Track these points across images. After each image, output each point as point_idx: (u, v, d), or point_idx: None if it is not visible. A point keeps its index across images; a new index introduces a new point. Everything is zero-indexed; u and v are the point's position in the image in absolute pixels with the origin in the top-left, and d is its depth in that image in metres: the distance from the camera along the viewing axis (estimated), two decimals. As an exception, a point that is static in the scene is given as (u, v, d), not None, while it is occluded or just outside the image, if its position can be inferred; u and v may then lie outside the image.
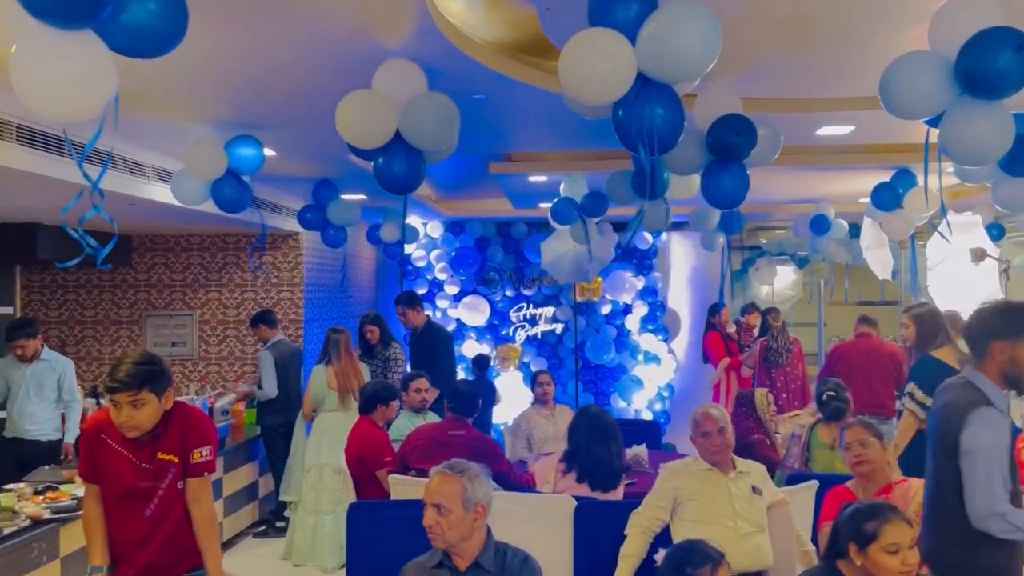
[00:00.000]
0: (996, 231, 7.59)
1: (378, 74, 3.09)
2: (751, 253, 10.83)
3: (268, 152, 4.91)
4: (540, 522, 3.97)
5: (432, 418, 5.35)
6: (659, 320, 9.50)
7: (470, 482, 2.60)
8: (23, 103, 1.99)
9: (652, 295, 9.44)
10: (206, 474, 3.01)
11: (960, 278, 6.17)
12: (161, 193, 5.14)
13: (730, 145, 3.38)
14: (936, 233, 6.84)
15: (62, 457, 5.61)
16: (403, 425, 5.25)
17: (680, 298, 9.54)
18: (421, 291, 9.44)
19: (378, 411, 5.03)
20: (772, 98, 4.14)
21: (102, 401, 7.00)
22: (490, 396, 7.38)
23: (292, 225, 7.00)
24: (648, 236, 9.30)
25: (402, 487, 4.38)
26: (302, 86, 3.68)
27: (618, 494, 4.24)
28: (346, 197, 6.36)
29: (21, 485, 4.50)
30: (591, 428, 4.26)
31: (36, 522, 3.95)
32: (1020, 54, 2.34)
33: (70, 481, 4.62)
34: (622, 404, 9.38)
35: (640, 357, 9.45)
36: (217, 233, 7.62)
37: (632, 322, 9.43)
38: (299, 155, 5.36)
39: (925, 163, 2.85)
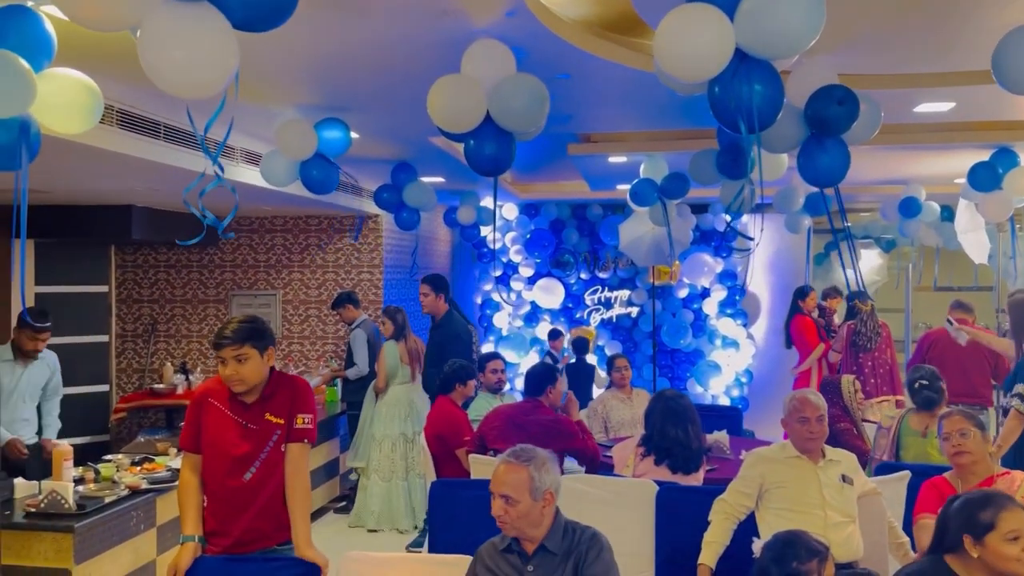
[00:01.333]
0: (1104, 213, 7.18)
1: (467, 56, 3.08)
2: (834, 236, 10.51)
3: (353, 135, 4.98)
4: (622, 506, 3.95)
5: (509, 399, 5.40)
6: (738, 304, 9.31)
7: (537, 470, 2.56)
8: (153, 78, 2.03)
9: (731, 279, 9.26)
10: (306, 441, 3.06)
11: (1065, 263, 5.86)
12: (250, 175, 5.27)
13: (831, 117, 3.24)
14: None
15: (45, 456, 4.81)
16: (481, 405, 5.31)
17: (760, 282, 9.32)
18: (496, 273, 9.48)
19: (456, 390, 5.09)
20: (870, 74, 3.97)
21: (191, 377, 7.27)
22: (588, 377, 7.50)
23: (372, 207, 7.09)
24: (727, 218, 9.10)
25: (481, 466, 4.42)
26: (388, 68, 3.70)
27: (698, 478, 4.18)
28: (424, 179, 6.41)
29: (120, 456, 4.71)
30: (667, 410, 4.22)
31: (134, 492, 4.12)
32: None
33: (165, 453, 4.81)
34: (699, 389, 9.25)
35: (718, 342, 9.29)
36: (300, 215, 7.79)
37: (710, 306, 9.27)
38: (382, 137, 5.42)
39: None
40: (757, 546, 2.80)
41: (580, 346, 7.73)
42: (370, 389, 6.46)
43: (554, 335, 8.21)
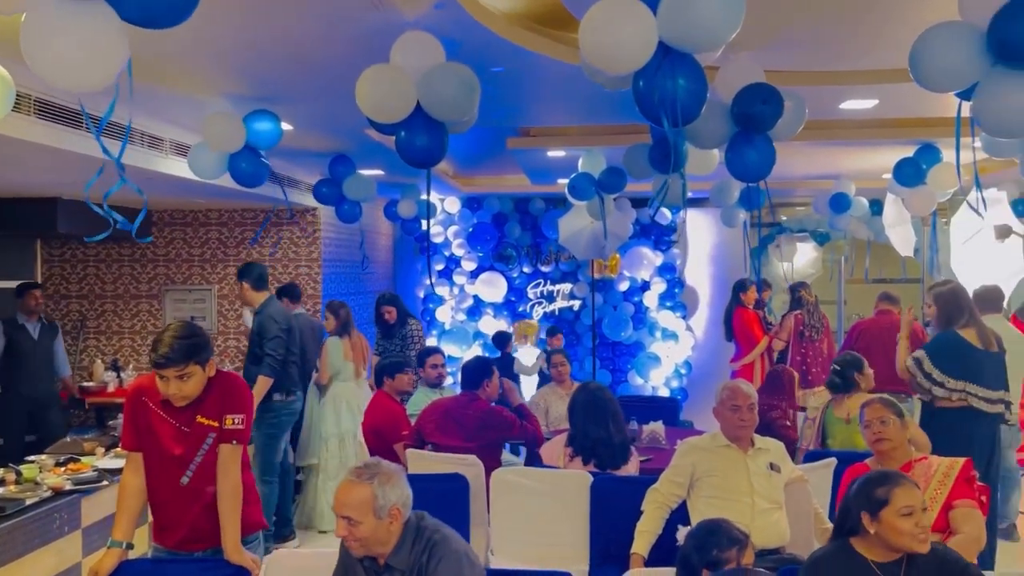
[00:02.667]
0: (1022, 207, 7.47)
1: (396, 47, 3.06)
2: (771, 230, 10.73)
3: (285, 126, 4.90)
4: (557, 498, 3.99)
5: (450, 393, 5.39)
6: (677, 297, 9.44)
7: (381, 487, 2.42)
8: (35, 69, 1.97)
9: (670, 272, 9.39)
10: (235, 442, 2.97)
11: (984, 255, 6.08)
12: (179, 167, 5.14)
13: (756, 115, 3.32)
14: (967, 207, 6.72)
15: None
16: (420, 400, 5.29)
17: (699, 275, 9.47)
18: (438, 267, 9.45)
19: (386, 384, 5.06)
20: (796, 70, 4.06)
21: (122, 375, 7.08)
22: (509, 373, 7.48)
23: (309, 200, 7.00)
24: (667, 212, 9.22)
25: (419, 461, 4.41)
26: (319, 60, 3.65)
27: (630, 469, 4.23)
28: (363, 172, 6.35)
29: (43, 457, 4.56)
30: (587, 404, 4.25)
31: (58, 493, 3.99)
32: (1055, 22, 2.26)
33: (92, 453, 4.67)
34: (639, 381, 9.36)
35: (658, 334, 9.41)
36: (236, 208, 7.63)
37: (650, 299, 9.39)
38: (316, 129, 5.34)
39: (957, 137, 2.78)
40: (681, 534, 2.85)
41: (500, 340, 7.80)
42: (312, 386, 6.38)
43: (551, 332, 8.21)
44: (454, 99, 2.94)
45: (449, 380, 6.10)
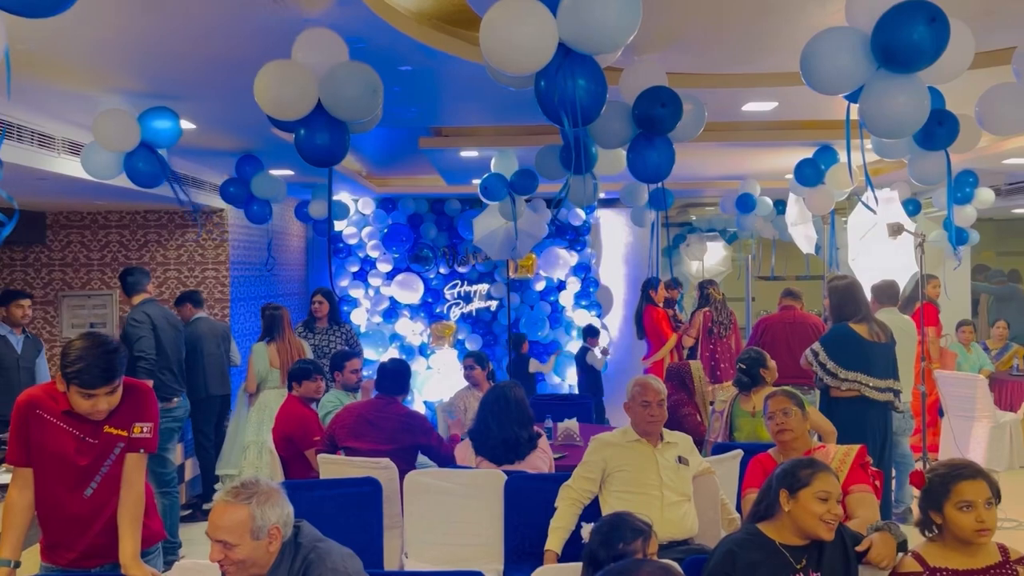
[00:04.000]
0: (913, 207, 7.87)
1: (297, 43, 2.99)
2: (682, 229, 11.00)
3: (186, 125, 4.73)
4: (471, 498, 3.98)
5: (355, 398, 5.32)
6: (592, 296, 9.57)
7: (260, 507, 2.31)
8: None
9: (585, 271, 9.51)
10: (142, 451, 2.87)
11: (878, 252, 6.37)
12: (72, 167, 4.91)
13: (655, 117, 3.40)
14: (861, 205, 7.03)
15: None
16: (333, 403, 5.20)
17: (613, 274, 9.61)
18: (352, 269, 9.30)
19: (295, 389, 4.95)
20: (697, 73, 4.16)
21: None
22: (523, 375, 7.60)
23: (216, 201, 6.79)
24: (581, 212, 9.34)
25: (331, 466, 4.33)
26: (218, 56, 3.54)
27: (542, 467, 4.27)
28: (273, 172, 6.20)
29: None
30: (490, 406, 4.28)
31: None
32: (933, 27, 2.39)
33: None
34: (556, 380, 9.44)
35: (574, 333, 9.51)
36: (137, 210, 7.34)
37: (566, 298, 9.48)
38: (220, 127, 5.18)
39: (847, 137, 2.90)
40: (586, 531, 2.88)
41: (517, 341, 7.86)
42: (240, 393, 6.20)
43: (591, 332, 8.20)
44: (356, 98, 2.90)
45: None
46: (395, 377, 4.63)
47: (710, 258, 10.64)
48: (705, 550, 3.55)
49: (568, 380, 9.47)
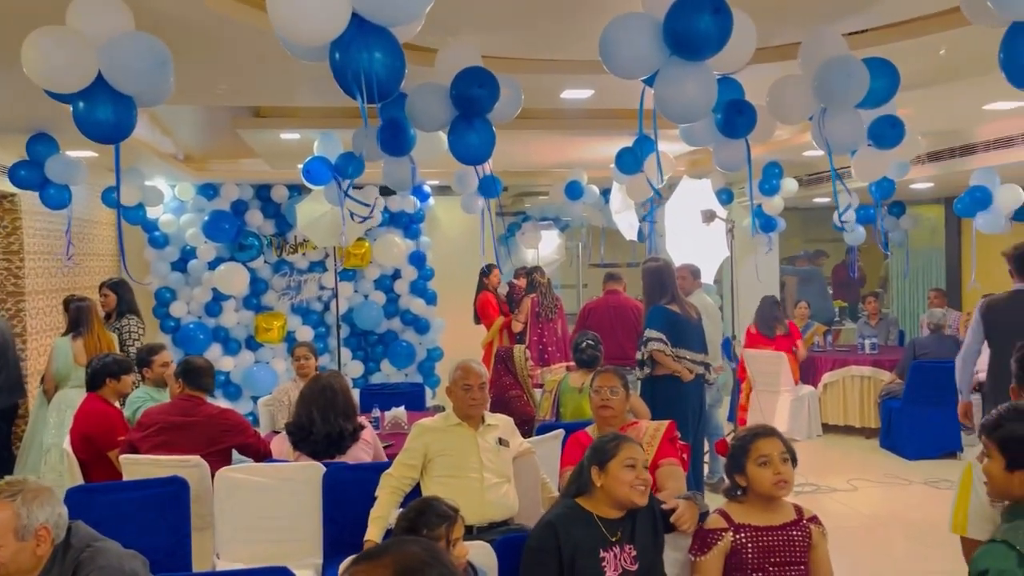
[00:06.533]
0: (726, 196, 8.36)
1: (72, 8, 2.73)
2: (517, 218, 11.15)
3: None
4: (287, 492, 3.85)
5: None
6: (427, 285, 9.50)
7: (26, 505, 2.20)
8: None
9: (421, 259, 9.42)
10: None
11: (693, 236, 6.74)
12: None
13: (473, 98, 3.38)
14: (678, 194, 7.38)
15: None
16: (143, 399, 4.88)
17: (448, 262, 9.59)
18: (171, 259, 8.74)
19: (108, 386, 4.60)
20: (515, 57, 4.19)
21: None
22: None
23: (6, 185, 6.16)
24: (415, 200, 9.24)
25: (136, 467, 4.05)
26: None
27: (363, 457, 4.19)
28: (71, 153, 5.70)
29: None
30: (309, 397, 4.18)
31: None
32: (717, 17, 2.50)
33: None
34: (392, 370, 9.32)
35: (409, 322, 9.41)
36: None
37: (401, 287, 9.36)
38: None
39: (639, 120, 3.00)
40: (393, 517, 2.85)
41: None
42: (39, 392, 5.67)
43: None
44: (142, 71, 2.68)
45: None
46: (205, 373, 4.37)
47: (545, 246, 10.86)
48: (525, 529, 3.61)
49: (404, 369, 9.39)
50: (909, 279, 11.20)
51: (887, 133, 4.28)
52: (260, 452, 4.35)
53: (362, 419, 4.43)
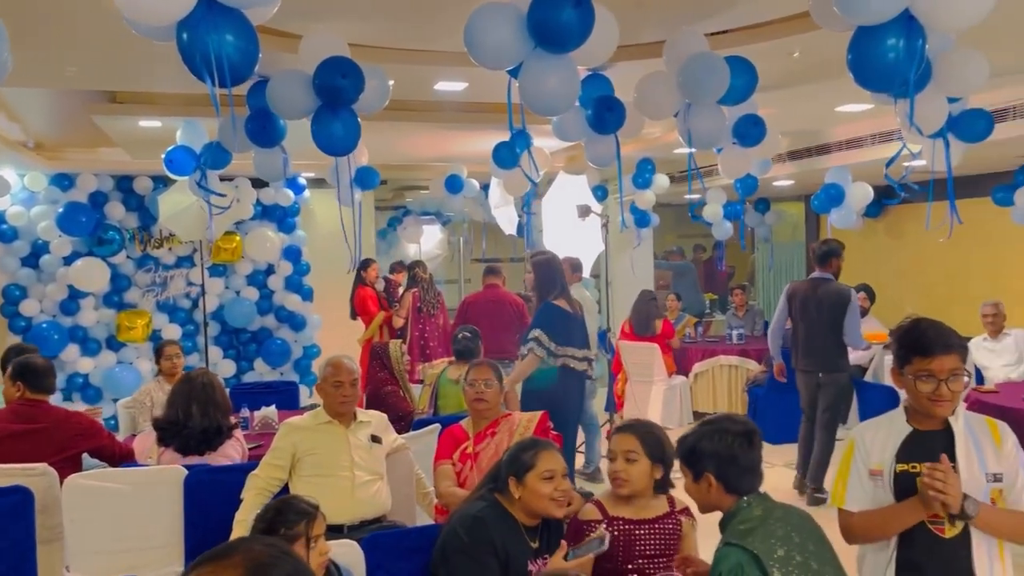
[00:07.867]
0: (601, 192, 8.53)
1: None
2: (397, 212, 11.01)
3: None
4: (146, 498, 3.64)
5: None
6: (303, 280, 9.23)
7: None
8: None
9: (296, 254, 9.14)
10: None
11: (570, 232, 6.85)
12: None
13: (336, 88, 3.30)
14: (554, 189, 7.48)
15: None
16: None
17: (325, 257, 9.35)
18: (21, 254, 8.13)
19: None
20: (384, 46, 4.11)
21: None
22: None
23: None
24: (290, 193, 8.96)
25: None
26: None
27: (235, 456, 4.03)
28: None
29: None
30: (179, 395, 4.00)
31: None
32: (578, 10, 2.52)
33: None
34: (267, 368, 9.02)
35: (284, 319, 9.13)
36: None
37: (276, 283, 9.06)
38: None
39: (509, 114, 3.00)
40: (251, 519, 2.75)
41: None
42: None
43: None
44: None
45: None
46: (46, 372, 4.07)
47: (427, 241, 10.78)
48: (400, 526, 3.56)
49: (280, 367, 9.10)
50: (773, 272, 11.80)
51: (750, 131, 4.48)
52: (116, 455, 4.11)
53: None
